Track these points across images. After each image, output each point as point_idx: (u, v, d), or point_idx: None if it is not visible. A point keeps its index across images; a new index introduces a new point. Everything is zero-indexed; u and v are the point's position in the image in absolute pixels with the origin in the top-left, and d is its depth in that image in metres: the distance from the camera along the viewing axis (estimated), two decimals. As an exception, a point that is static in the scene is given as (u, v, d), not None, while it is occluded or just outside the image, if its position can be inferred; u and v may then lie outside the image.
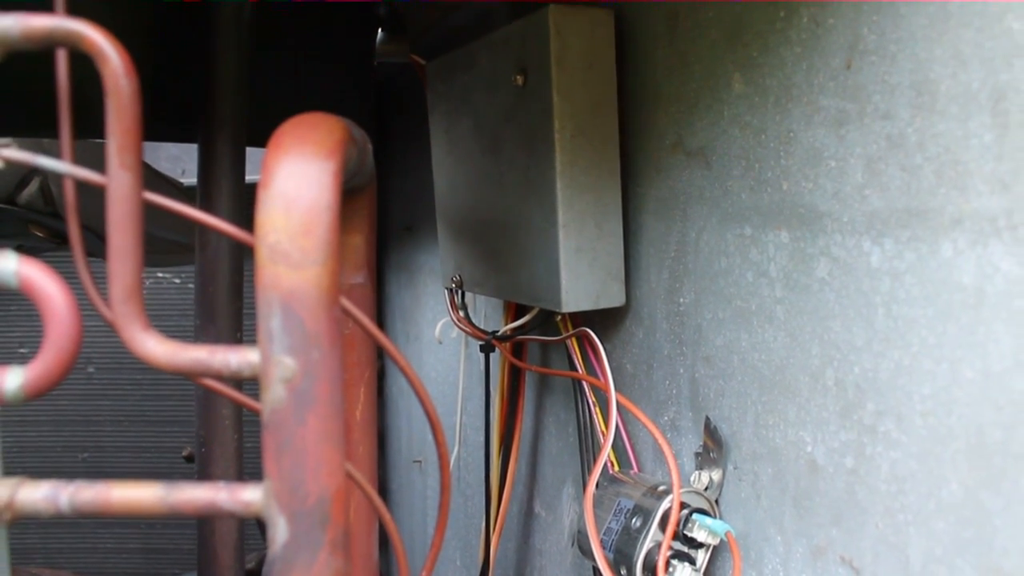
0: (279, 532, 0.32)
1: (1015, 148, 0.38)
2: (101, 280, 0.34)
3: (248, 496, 0.33)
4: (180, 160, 1.91)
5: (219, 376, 0.34)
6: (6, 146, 0.36)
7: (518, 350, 0.89)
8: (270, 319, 0.31)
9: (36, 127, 0.64)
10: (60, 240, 1.00)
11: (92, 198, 0.42)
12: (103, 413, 2.00)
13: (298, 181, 0.33)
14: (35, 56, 0.34)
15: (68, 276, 0.34)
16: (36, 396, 0.34)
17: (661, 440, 0.62)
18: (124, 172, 0.34)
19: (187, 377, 0.39)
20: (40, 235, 0.98)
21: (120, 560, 2.05)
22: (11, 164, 0.36)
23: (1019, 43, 0.38)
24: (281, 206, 0.32)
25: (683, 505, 0.58)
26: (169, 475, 2.02)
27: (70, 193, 0.39)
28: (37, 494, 0.34)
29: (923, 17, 0.43)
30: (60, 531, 2.07)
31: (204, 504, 0.33)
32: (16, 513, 0.34)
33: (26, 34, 0.34)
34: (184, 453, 1.24)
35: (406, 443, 1.56)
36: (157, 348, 0.34)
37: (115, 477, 0.34)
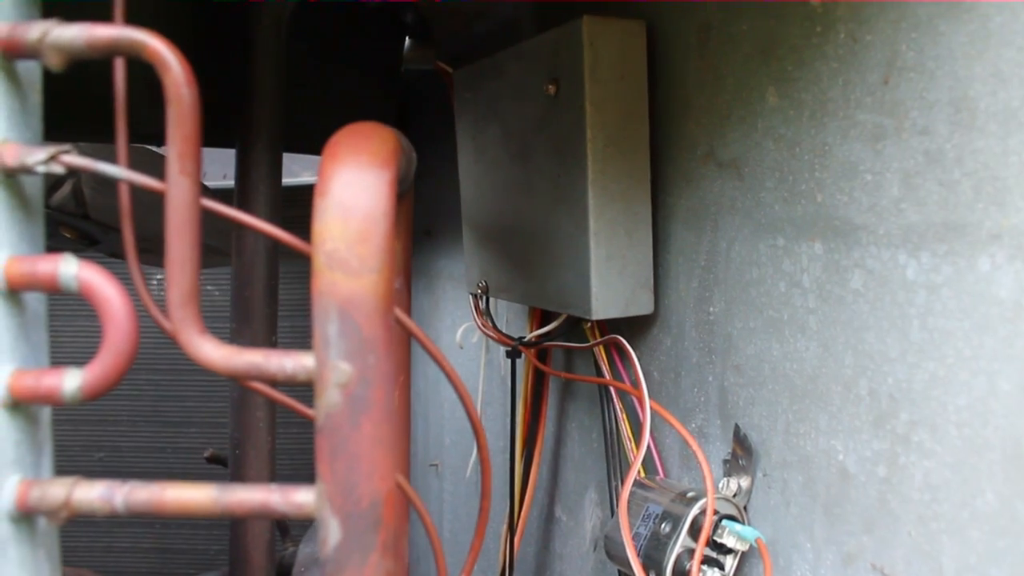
0: (332, 534, 0.32)
1: (1056, 165, 0.39)
2: (127, 281, 0.34)
3: (301, 498, 0.33)
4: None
5: (274, 380, 0.35)
6: (67, 152, 0.37)
7: (542, 356, 0.90)
8: (327, 325, 0.32)
9: (77, 130, 0.65)
10: (89, 242, 1.01)
11: (117, 199, 0.42)
12: (120, 413, 2.01)
13: (355, 190, 0.33)
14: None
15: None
16: (93, 398, 0.35)
17: (695, 446, 0.63)
18: (184, 179, 0.35)
19: (238, 380, 0.40)
20: (69, 236, 0.99)
21: (135, 559, 2.06)
22: (71, 169, 0.37)
23: (1062, 62, 0.38)
24: (339, 214, 0.32)
25: (714, 511, 0.59)
26: (185, 476, 2.02)
27: (125, 199, 0.39)
28: (93, 493, 0.34)
29: (963, 35, 0.43)
30: (74, 530, 2.08)
31: (257, 505, 0.34)
32: (72, 511, 0.34)
33: (91, 43, 0.34)
34: (206, 454, 1.25)
35: (422, 446, 1.57)
36: (214, 352, 0.35)
37: (131, 477, 0.34)
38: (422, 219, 1.40)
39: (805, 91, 0.54)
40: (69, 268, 0.34)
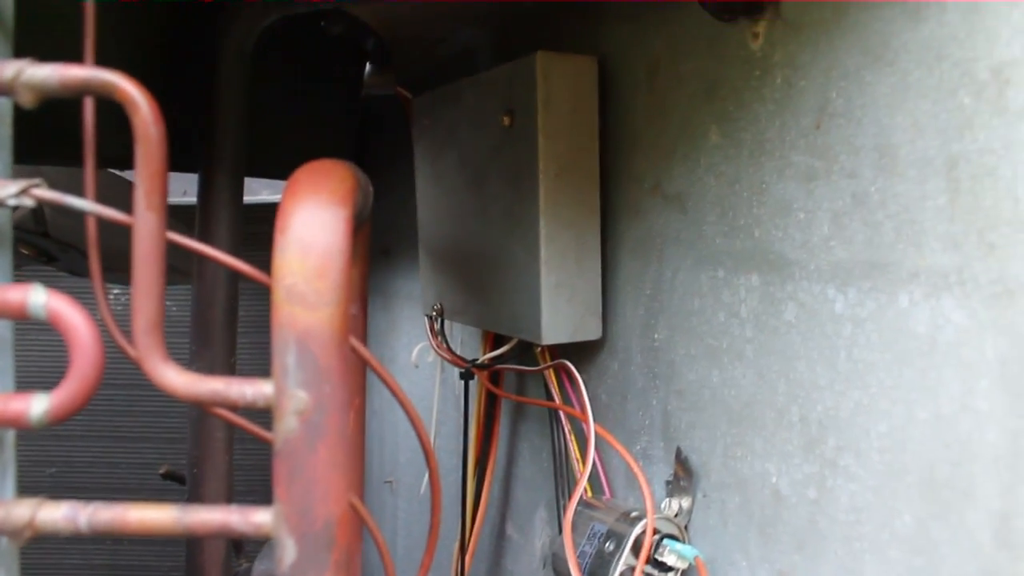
0: (288, 553, 0.34)
1: (965, 211, 0.42)
2: (85, 296, 0.36)
3: (259, 519, 0.35)
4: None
5: (234, 406, 0.36)
6: (37, 185, 0.38)
7: (495, 378, 0.92)
8: (285, 355, 0.33)
9: (40, 154, 0.66)
10: (47, 259, 1.02)
11: (78, 219, 0.44)
12: (74, 428, 1.99)
13: (313, 227, 0.35)
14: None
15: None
16: (59, 422, 0.36)
17: (636, 469, 0.65)
18: (150, 213, 0.37)
19: (200, 406, 0.42)
20: (27, 253, 1.00)
21: (86, 576, 2.05)
22: (41, 202, 0.39)
23: (969, 117, 0.42)
24: (298, 251, 0.34)
25: (654, 531, 0.61)
26: (139, 492, 2.01)
27: (92, 231, 0.41)
28: (57, 514, 0.36)
29: (886, 87, 0.47)
30: (25, 547, 2.05)
31: (217, 525, 0.35)
32: (36, 532, 0.36)
33: (63, 83, 0.36)
34: (161, 471, 1.25)
35: (377, 464, 1.58)
36: (177, 379, 0.36)
37: (82, 492, 0.36)
38: (380, 238, 1.42)
39: (745, 131, 0.57)
40: (38, 298, 0.36)
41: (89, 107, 0.39)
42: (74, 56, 0.37)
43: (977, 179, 0.42)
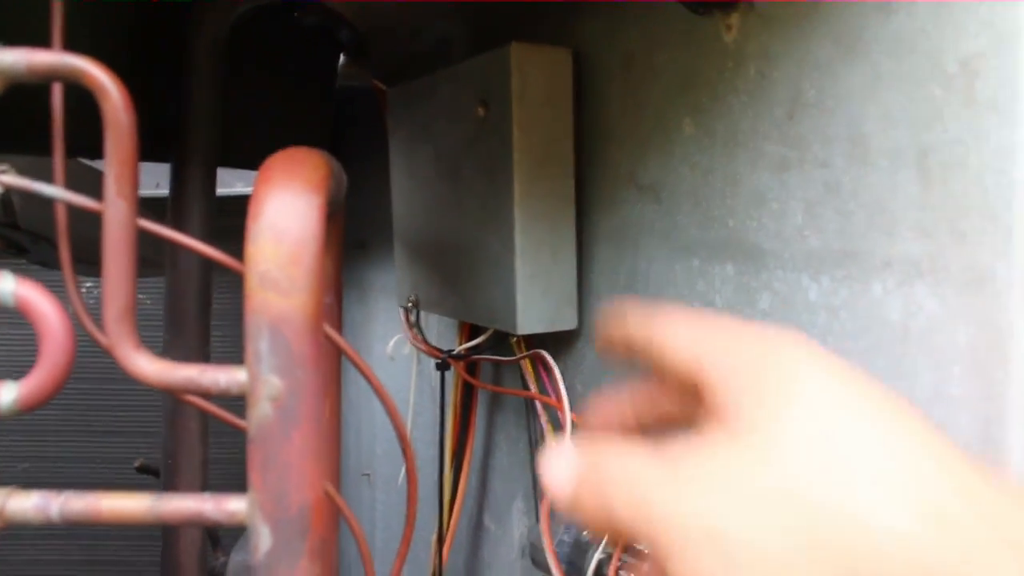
0: (263, 540, 0.34)
1: (936, 201, 0.43)
2: (57, 289, 0.35)
3: (233, 506, 0.35)
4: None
5: (208, 394, 0.36)
6: (4, 172, 0.38)
7: (471, 368, 0.92)
8: (258, 341, 0.33)
9: (6, 143, 0.66)
10: (17, 250, 1.01)
11: (48, 209, 0.43)
12: (47, 423, 1.97)
13: (287, 215, 0.35)
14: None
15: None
16: (29, 410, 0.36)
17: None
18: (121, 200, 0.36)
19: (173, 393, 0.42)
20: (-5, 245, 0.99)
21: (64, 572, 2.02)
22: (8, 188, 0.38)
23: (939, 108, 0.42)
24: (271, 237, 0.34)
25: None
26: (114, 486, 1.99)
27: (62, 219, 0.41)
28: (28, 503, 0.35)
29: (857, 77, 0.47)
30: (0, 542, 2.04)
31: (191, 513, 0.35)
32: (6, 522, 0.35)
33: (31, 69, 0.36)
34: (136, 464, 1.25)
35: (354, 456, 1.58)
36: (149, 367, 0.36)
37: (55, 488, 0.35)
38: (356, 231, 1.41)
39: (718, 121, 0.58)
40: (6, 285, 0.36)
41: (57, 93, 0.39)
42: (44, 45, 0.37)
43: (947, 168, 0.42)
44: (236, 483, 0.34)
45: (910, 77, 0.44)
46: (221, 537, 1.13)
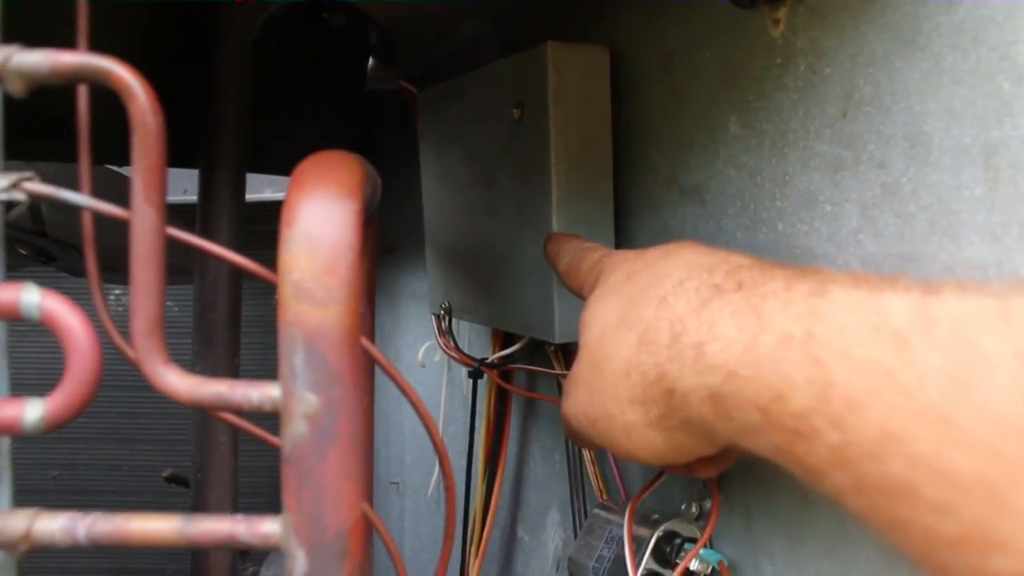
0: (298, 565, 0.32)
1: (1005, 201, 0.40)
2: (86, 298, 0.34)
3: (267, 529, 0.33)
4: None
5: (239, 410, 0.34)
6: (29, 179, 0.36)
7: (505, 377, 0.90)
8: (293, 355, 0.32)
9: (33, 149, 0.65)
10: (45, 259, 1.00)
11: (76, 217, 0.42)
12: (76, 430, 1.97)
13: (322, 221, 0.33)
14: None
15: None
16: (55, 428, 0.34)
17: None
18: (148, 208, 0.35)
19: (204, 411, 0.40)
20: (25, 253, 0.98)
21: (91, 581, 2.03)
22: (34, 196, 0.37)
23: (1009, 103, 0.40)
24: (305, 245, 0.32)
25: (675, 534, 0.59)
26: (141, 494, 2.00)
27: (88, 228, 0.39)
28: (55, 525, 0.34)
29: (917, 72, 0.44)
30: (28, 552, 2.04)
31: (223, 537, 0.34)
32: (32, 544, 0.34)
33: (55, 70, 0.34)
34: (165, 474, 1.24)
35: (384, 464, 1.56)
36: (179, 382, 0.34)
37: (84, 495, 0.34)
38: (385, 236, 1.40)
39: (766, 121, 0.55)
40: (31, 297, 0.34)
41: (83, 96, 0.37)
42: (68, 47, 0.35)
43: (1017, 167, 0.40)
44: (264, 491, 0.32)
45: (976, 70, 0.41)
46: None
